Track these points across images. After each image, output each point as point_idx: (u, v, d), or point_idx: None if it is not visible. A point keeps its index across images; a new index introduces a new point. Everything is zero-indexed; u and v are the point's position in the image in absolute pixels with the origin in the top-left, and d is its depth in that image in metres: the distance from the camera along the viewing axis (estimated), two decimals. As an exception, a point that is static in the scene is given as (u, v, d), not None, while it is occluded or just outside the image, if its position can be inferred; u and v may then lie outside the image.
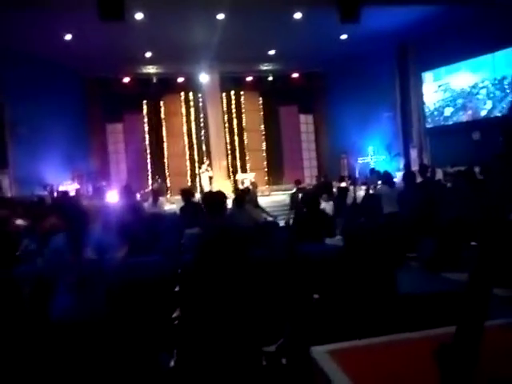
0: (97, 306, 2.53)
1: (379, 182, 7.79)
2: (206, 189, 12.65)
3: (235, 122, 16.82)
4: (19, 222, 5.60)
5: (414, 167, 11.38)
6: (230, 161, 16.37)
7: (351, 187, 8.78)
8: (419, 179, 7.31)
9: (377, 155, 14.72)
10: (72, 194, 10.75)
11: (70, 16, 10.02)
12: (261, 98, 17.29)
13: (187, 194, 6.82)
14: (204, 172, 14.00)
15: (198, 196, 11.60)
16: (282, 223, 6.50)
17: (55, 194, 10.34)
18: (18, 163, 11.76)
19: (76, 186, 12.44)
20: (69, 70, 13.50)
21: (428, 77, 14.08)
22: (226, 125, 16.46)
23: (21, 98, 11.73)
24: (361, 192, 8.88)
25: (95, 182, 12.88)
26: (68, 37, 11.31)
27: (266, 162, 17.33)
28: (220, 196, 3.48)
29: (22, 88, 11.74)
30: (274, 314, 2.57)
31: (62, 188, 11.62)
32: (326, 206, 9.23)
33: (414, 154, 14.09)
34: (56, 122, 12.50)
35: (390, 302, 2.32)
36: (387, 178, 7.11)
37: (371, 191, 7.85)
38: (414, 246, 6.41)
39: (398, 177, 9.61)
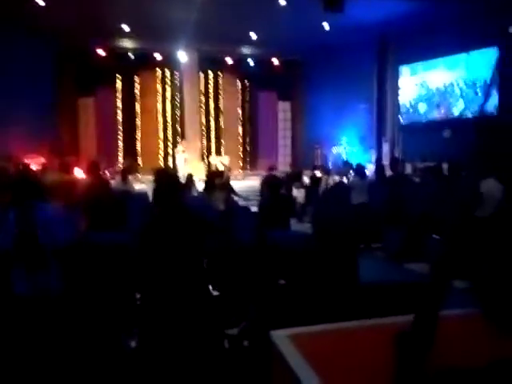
0: (50, 282, 2.45)
1: (351, 173, 7.90)
2: (180, 170, 12.44)
3: (212, 103, 16.58)
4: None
5: (386, 161, 11.62)
6: (204, 143, 16.17)
7: (324, 177, 8.87)
8: (389, 172, 7.47)
9: (350, 146, 14.90)
10: (37, 167, 10.36)
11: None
12: (239, 82, 17.08)
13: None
14: (179, 153, 13.75)
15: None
16: (254, 208, 6.51)
17: (19, 167, 9.92)
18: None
19: (42, 159, 11.98)
20: (40, 38, 12.84)
21: (405, 71, 14.27)
22: (203, 106, 16.21)
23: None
24: (333, 181, 8.99)
25: (63, 157, 12.41)
26: (41, 2, 10.73)
27: (241, 147, 17.24)
28: (172, 179, 3.34)
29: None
30: (238, 298, 2.57)
31: (26, 161, 11.16)
32: (298, 193, 9.35)
33: (386, 147, 14.34)
34: (24, 93, 11.96)
35: (351, 290, 2.36)
36: (359, 169, 7.23)
37: (344, 181, 7.96)
38: (380, 236, 6.59)
39: (369, 169, 9.79)
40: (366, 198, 6.68)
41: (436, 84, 13.41)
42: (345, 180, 7.46)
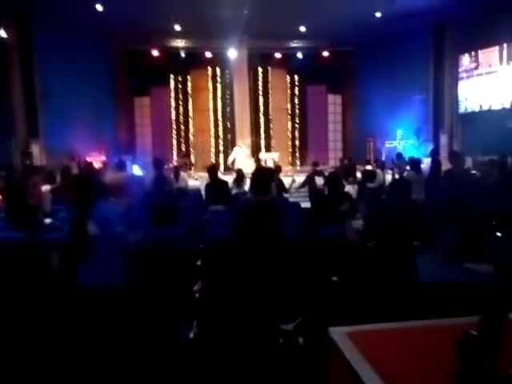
0: (111, 275, 2.54)
1: (407, 168, 7.61)
2: (239, 166, 12.60)
3: (261, 99, 16.64)
4: (46, 187, 5.78)
5: (443, 154, 11.05)
6: (254, 139, 16.29)
7: (378, 171, 8.61)
8: (448, 166, 7.11)
9: (405, 139, 14.34)
10: (98, 165, 10.98)
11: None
12: (288, 76, 16.99)
13: (213, 170, 6.85)
14: (241, 149, 13.99)
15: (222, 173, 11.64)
16: (304, 204, 6.48)
17: (82, 165, 10.58)
18: (48, 133, 12.04)
19: (102, 157, 12.69)
20: (99, 41, 13.58)
21: (465, 59, 13.47)
22: (252, 102, 16.32)
23: (52, 68, 11.91)
24: (388, 176, 8.71)
25: (121, 155, 13.09)
26: (99, 7, 11.32)
27: (290, 142, 17.18)
28: (268, 173, 3.39)
29: (53, 58, 11.91)
30: (293, 294, 2.59)
31: (88, 159, 11.88)
32: (351, 188, 9.13)
33: (444, 139, 13.63)
34: (85, 93, 12.68)
35: (408, 289, 2.30)
36: (415, 163, 6.95)
37: (397, 176, 7.69)
38: (438, 234, 6.30)
39: (425, 163, 9.37)
40: (421, 193, 6.41)
41: (500, 72, 12.53)
42: (397, 174, 7.20)
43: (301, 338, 2.35)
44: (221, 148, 16.36)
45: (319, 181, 8.14)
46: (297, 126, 17.17)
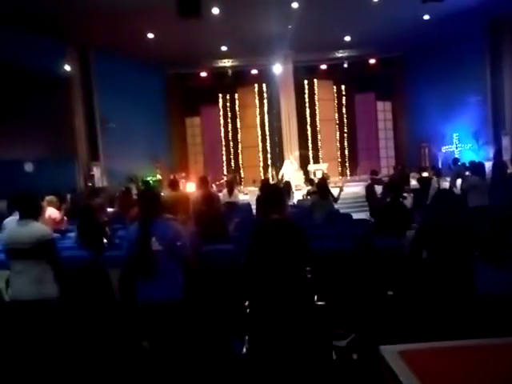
0: (172, 291, 2.64)
1: (467, 173, 7.20)
2: (287, 179, 12.65)
3: (308, 111, 16.63)
4: (110, 210, 6.14)
5: (506, 156, 10.37)
6: (302, 151, 16.24)
7: (434, 178, 8.23)
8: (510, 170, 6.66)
9: (462, 143, 13.63)
10: (155, 184, 11.47)
11: (151, 14, 10.61)
12: (335, 86, 16.87)
13: (266, 184, 6.92)
14: (290, 163, 14.09)
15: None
16: (355, 216, 6.34)
17: (139, 185, 11.12)
18: (108, 156, 12.84)
19: (159, 177, 13.26)
20: (151, 67, 14.36)
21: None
22: (299, 115, 16.34)
23: (110, 95, 12.76)
24: (445, 183, 8.30)
25: (175, 173, 13.60)
26: (150, 35, 11.99)
27: (339, 153, 16.94)
28: (278, 190, 3.38)
29: (111, 86, 12.76)
30: (347, 309, 2.53)
31: (146, 179, 12.46)
32: (407, 198, 8.81)
33: (505, 142, 12.78)
34: (140, 116, 13.41)
35: (467, 303, 2.17)
36: (477, 168, 6.54)
37: (459, 182, 7.26)
38: (505, 242, 5.88)
39: (486, 167, 8.83)
40: (486, 199, 6.03)
41: None
42: (459, 181, 6.81)
43: (355, 355, 2.29)
44: (269, 162, 16.48)
45: (378, 189, 7.94)
46: (345, 135, 16.93)
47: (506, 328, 1.67)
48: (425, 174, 9.45)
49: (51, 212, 5.25)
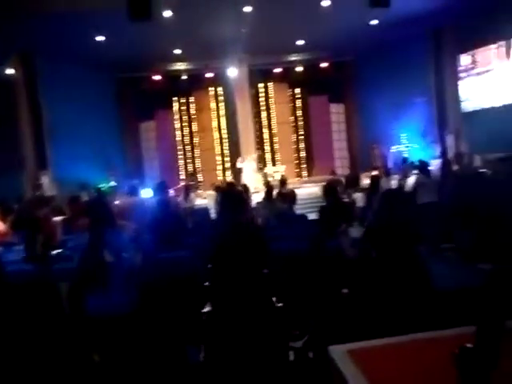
0: (122, 302, 2.58)
1: (414, 172, 7.55)
2: (245, 182, 12.65)
3: (264, 114, 16.78)
4: (57, 219, 5.85)
5: (451, 154, 10.96)
6: (259, 154, 16.36)
7: (383, 178, 8.56)
8: (455, 167, 7.05)
9: (411, 143, 14.27)
10: (108, 191, 11.10)
11: (101, 17, 10.28)
12: (290, 89, 17.14)
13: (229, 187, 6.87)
14: (247, 164, 14.11)
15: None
16: (311, 216, 6.45)
17: (92, 193, 10.71)
18: (57, 163, 12.27)
19: (112, 184, 12.85)
20: (102, 71, 13.89)
21: (465, 59, 13.46)
22: (255, 118, 16.45)
23: (58, 101, 12.21)
24: (394, 182, 8.65)
25: (130, 180, 13.22)
26: (100, 38, 11.62)
27: (296, 154, 17.22)
28: (239, 193, 3.42)
29: (59, 90, 12.21)
30: (303, 310, 2.56)
31: (98, 186, 12.02)
32: (358, 196, 9.09)
33: (450, 140, 13.53)
34: (92, 122, 12.93)
35: (426, 298, 2.26)
36: (424, 166, 6.88)
37: (408, 180, 7.59)
38: (451, 236, 6.20)
39: (434, 165, 9.29)
40: (434, 196, 6.34)
41: (497, 70, 12.48)
42: (409, 179, 7.12)
43: (311, 354, 2.32)
44: (227, 165, 16.46)
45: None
46: (301, 137, 17.23)
47: (455, 321, 1.74)
48: (375, 173, 9.83)
49: (-6, 224, 4.94)
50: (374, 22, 12.62)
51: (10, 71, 11.43)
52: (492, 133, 11.52)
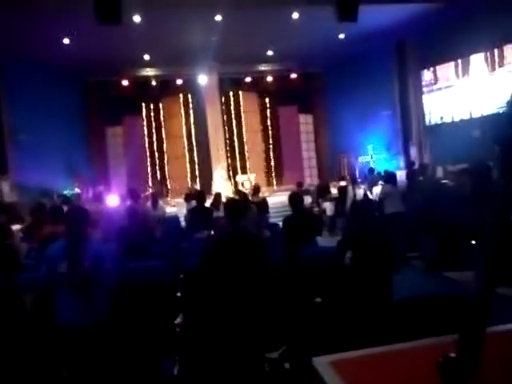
0: (97, 311, 2.52)
1: (380, 182, 7.77)
2: (217, 190, 12.56)
3: (234, 122, 16.81)
4: (16, 227, 5.59)
5: (415, 166, 11.36)
6: (229, 162, 16.35)
7: (350, 186, 8.76)
8: (420, 178, 7.31)
9: (377, 154, 14.70)
10: (72, 199, 10.73)
11: (68, 19, 10.01)
12: (259, 99, 17.28)
13: (201, 196, 6.79)
14: (220, 173, 14.06)
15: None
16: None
17: (56, 199, 10.31)
18: (18, 169, 11.74)
19: (77, 190, 12.43)
20: (68, 74, 13.49)
21: (427, 74, 14.06)
22: (226, 126, 16.45)
23: (20, 104, 11.72)
24: (360, 191, 8.88)
25: (95, 186, 12.84)
26: (66, 40, 11.29)
27: (265, 163, 17.33)
28: (241, 203, 3.41)
29: (21, 93, 11.73)
30: (277, 321, 2.55)
31: (63, 193, 11.60)
32: (328, 206, 9.26)
33: (413, 152, 14.06)
34: (56, 127, 12.49)
35: (385, 307, 2.30)
36: (390, 177, 7.09)
37: (374, 190, 7.80)
38: (416, 245, 6.41)
39: (398, 175, 9.60)
40: (399, 206, 6.54)
41: (456, 86, 13.12)
42: (375, 189, 7.32)
43: (287, 364, 2.31)
44: (197, 173, 16.32)
45: (307, 200, 8.20)
46: (271, 146, 17.38)
47: (424, 329, 1.78)
48: (343, 183, 10.04)
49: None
50: (342, 35, 12.99)
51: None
52: (453, 145, 12.06)
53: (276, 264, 3.75)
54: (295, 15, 11.32)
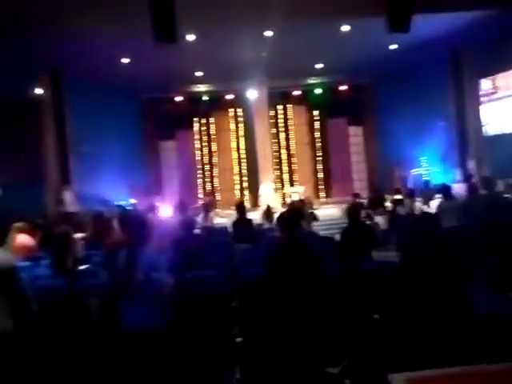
0: (155, 320, 2.59)
1: (437, 196, 7.46)
2: (266, 202, 12.66)
3: (283, 135, 16.90)
4: (78, 235, 5.92)
5: (473, 179, 10.79)
6: (277, 175, 16.41)
7: (407, 200, 8.45)
8: (482, 191, 6.93)
9: (431, 166, 14.13)
10: (130, 208, 11.22)
11: (126, 39, 10.62)
12: (308, 112, 17.28)
13: (241, 208, 6.89)
14: (268, 187, 14.24)
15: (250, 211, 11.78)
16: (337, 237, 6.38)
17: (113, 209, 10.82)
18: (79, 180, 12.51)
19: (133, 201, 12.99)
20: (125, 91, 14.26)
21: (485, 83, 13.41)
22: (274, 139, 16.57)
23: (82, 118, 12.54)
24: (417, 204, 8.55)
25: (150, 198, 13.34)
26: (125, 60, 11.97)
27: (314, 176, 17.21)
28: (296, 213, 3.44)
29: (83, 108, 12.56)
30: (336, 334, 2.51)
31: (120, 203, 12.15)
32: (380, 219, 8.99)
33: (471, 164, 13.36)
34: (114, 141, 13.19)
35: (466, 325, 2.19)
36: (447, 190, 6.80)
37: (431, 204, 7.50)
38: (479, 262, 6.04)
39: (454, 189, 9.17)
40: (457, 220, 6.24)
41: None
42: (432, 202, 7.03)
43: (348, 381, 2.25)
44: (245, 185, 16.53)
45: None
46: (319, 159, 17.25)
47: (488, 350, 1.68)
48: (398, 196, 9.71)
49: (23, 239, 5.01)
50: (393, 46, 12.74)
51: (37, 91, 11.83)
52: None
53: (331, 277, 3.69)
54: (345, 28, 11.27)
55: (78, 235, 6.13)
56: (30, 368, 2.67)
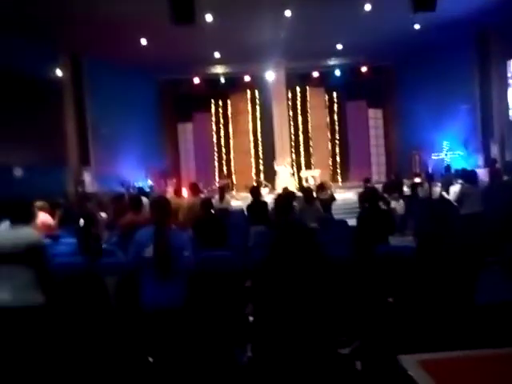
0: (176, 295, 2.69)
1: (459, 181, 7.28)
2: (282, 185, 12.65)
3: (300, 118, 16.71)
4: (103, 215, 6.05)
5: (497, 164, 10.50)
6: (294, 158, 16.29)
7: (426, 184, 8.29)
8: (504, 177, 6.75)
9: (452, 151, 13.80)
10: (147, 190, 11.37)
11: (145, 21, 10.57)
12: (327, 94, 16.99)
13: (255, 191, 6.90)
14: (285, 168, 14.21)
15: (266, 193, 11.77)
16: (350, 222, 6.35)
17: (132, 190, 10.99)
18: (98, 161, 12.72)
19: (150, 182, 13.16)
20: (144, 73, 14.29)
21: (513, 65, 12.91)
22: (292, 121, 16.41)
23: (101, 101, 12.67)
24: (436, 189, 8.38)
25: (167, 179, 13.50)
26: (143, 41, 11.95)
27: (331, 159, 17.03)
28: (289, 196, 3.46)
29: (102, 91, 12.68)
30: (348, 316, 2.52)
31: (137, 184, 12.34)
32: (397, 205, 8.88)
33: (494, 149, 12.97)
34: (133, 123, 13.32)
35: (467, 312, 2.17)
36: (470, 175, 6.62)
37: (451, 189, 7.32)
38: (496, 249, 5.93)
39: (478, 174, 8.94)
40: (479, 206, 6.09)
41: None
42: (452, 188, 6.86)
43: (358, 362, 2.27)
44: (261, 168, 16.49)
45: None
46: (337, 142, 17.03)
47: (499, 335, 1.66)
48: (417, 180, 9.52)
49: (43, 218, 5.16)
50: (417, 26, 12.31)
51: (58, 73, 11.96)
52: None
53: (345, 260, 3.69)
54: (367, 7, 10.93)
55: (103, 214, 6.27)
56: (56, 341, 2.78)
